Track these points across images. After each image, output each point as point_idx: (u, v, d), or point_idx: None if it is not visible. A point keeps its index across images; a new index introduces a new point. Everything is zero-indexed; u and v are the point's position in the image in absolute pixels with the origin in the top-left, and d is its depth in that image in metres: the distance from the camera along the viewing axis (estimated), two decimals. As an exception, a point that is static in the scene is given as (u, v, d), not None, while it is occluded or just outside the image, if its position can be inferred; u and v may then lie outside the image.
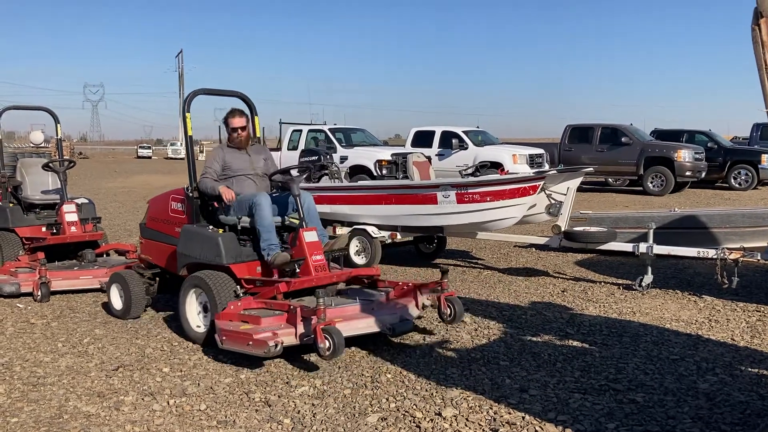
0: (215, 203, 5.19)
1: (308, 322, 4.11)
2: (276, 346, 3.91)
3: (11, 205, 7.46)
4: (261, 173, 5.33)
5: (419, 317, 4.92)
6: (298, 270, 4.72)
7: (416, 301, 4.81)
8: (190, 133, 5.24)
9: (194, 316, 4.86)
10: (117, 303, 5.55)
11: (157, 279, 5.61)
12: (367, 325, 4.44)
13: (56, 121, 7.89)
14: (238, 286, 4.73)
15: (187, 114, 5.16)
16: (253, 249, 4.93)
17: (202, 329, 4.79)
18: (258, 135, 5.67)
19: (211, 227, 5.05)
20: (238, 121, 5.29)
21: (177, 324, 5.33)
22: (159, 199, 5.68)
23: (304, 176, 5.10)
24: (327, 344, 3.90)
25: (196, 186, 5.16)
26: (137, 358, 4.52)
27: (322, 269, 4.72)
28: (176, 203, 5.35)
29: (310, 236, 4.76)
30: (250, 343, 4.00)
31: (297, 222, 4.95)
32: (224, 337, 4.20)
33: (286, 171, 5.19)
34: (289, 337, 4.09)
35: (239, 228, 4.96)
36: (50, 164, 7.50)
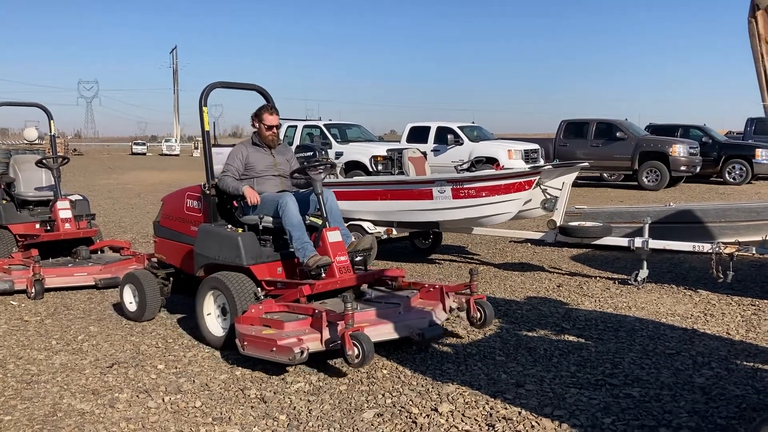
0: (234, 202, 4.99)
1: (334, 327, 3.92)
2: (302, 352, 3.71)
3: (4, 202, 7.43)
4: (284, 174, 5.13)
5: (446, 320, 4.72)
6: (323, 272, 4.48)
7: (443, 304, 4.63)
8: (207, 128, 5.04)
9: (212, 320, 4.66)
10: (131, 304, 5.35)
11: (171, 279, 5.42)
12: (395, 330, 4.21)
13: (50, 117, 7.84)
14: (259, 288, 4.53)
15: (203, 108, 4.98)
16: (274, 249, 4.75)
17: (220, 333, 4.58)
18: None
19: (229, 226, 4.87)
20: (273, 119, 5.07)
21: (171, 321, 5.33)
22: (174, 197, 5.49)
23: (326, 174, 4.85)
24: (356, 351, 3.72)
25: (214, 184, 4.97)
26: (132, 355, 4.50)
27: (346, 271, 4.50)
28: (192, 201, 5.16)
29: (333, 236, 4.54)
30: (274, 349, 3.80)
31: (319, 221, 4.78)
32: (246, 342, 3.98)
33: (305, 170, 4.85)
34: (314, 343, 3.89)
35: (260, 228, 4.76)
36: (44, 161, 7.47)
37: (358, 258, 4.69)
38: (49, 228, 7.18)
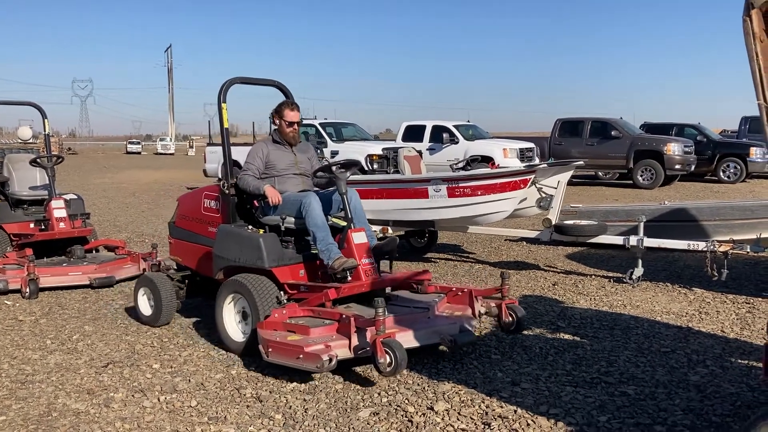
0: (255, 202, 4.83)
1: (363, 333, 3.77)
2: (330, 360, 3.56)
3: (-1, 201, 7.40)
4: (306, 173, 4.97)
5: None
6: (349, 275, 4.31)
7: (473, 309, 4.46)
8: (226, 125, 4.84)
9: (232, 324, 4.49)
10: (145, 309, 5.16)
11: (187, 282, 5.25)
12: (425, 336, 4.04)
13: (44, 116, 7.83)
14: (281, 292, 4.34)
15: (222, 104, 4.79)
16: (297, 251, 4.57)
17: (240, 338, 4.42)
18: None
19: (250, 227, 4.68)
20: (294, 115, 4.88)
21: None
22: (190, 197, 5.32)
23: (350, 173, 4.68)
24: (388, 359, 3.55)
25: (233, 183, 4.79)
26: (127, 355, 4.49)
27: (372, 273, 4.35)
28: (210, 201, 4.98)
29: (359, 237, 4.37)
30: (301, 356, 3.64)
31: (341, 222, 4.63)
32: (270, 349, 3.82)
33: (330, 168, 4.67)
34: (342, 350, 3.73)
35: (282, 228, 4.55)
36: (38, 160, 7.44)
37: (383, 260, 4.56)
38: (43, 227, 7.16)
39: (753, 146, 18.30)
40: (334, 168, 4.60)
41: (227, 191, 4.78)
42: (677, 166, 17.10)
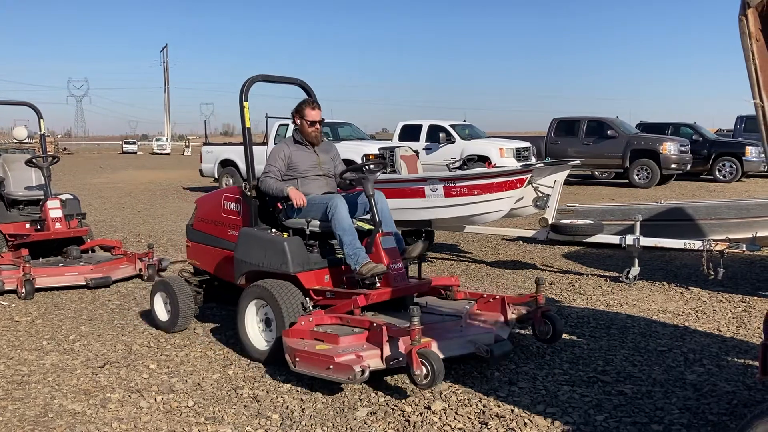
0: (278, 204, 4.68)
1: (395, 343, 3.60)
2: (362, 372, 3.38)
3: (-6, 201, 7.38)
4: (329, 173, 4.80)
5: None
6: (378, 281, 4.13)
7: (505, 317, 4.30)
8: (248, 124, 4.64)
9: (255, 331, 4.33)
10: (162, 314, 5.00)
11: (204, 286, 5.10)
12: (459, 345, 3.85)
13: (39, 116, 7.80)
14: (307, 298, 4.18)
15: (244, 103, 4.60)
16: (321, 255, 4.41)
17: (263, 346, 4.26)
18: None
19: (273, 230, 4.50)
20: (316, 114, 4.71)
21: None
22: (209, 199, 5.17)
23: (378, 173, 4.47)
24: (424, 371, 3.36)
25: (255, 184, 4.62)
26: (124, 355, 4.48)
27: (401, 279, 4.17)
28: (230, 203, 4.81)
29: (387, 242, 4.20)
30: (331, 367, 3.48)
31: (367, 225, 4.48)
32: (297, 359, 3.66)
33: (360, 168, 4.50)
34: (374, 360, 3.55)
35: (307, 232, 4.40)
36: (33, 160, 7.42)
37: (411, 265, 4.42)
38: (39, 227, 7.14)
39: (749, 145, 18.35)
40: (364, 168, 4.43)
41: (249, 193, 4.62)
42: (673, 166, 17.14)
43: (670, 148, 17.05)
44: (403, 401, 3.58)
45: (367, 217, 4.51)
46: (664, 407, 3.44)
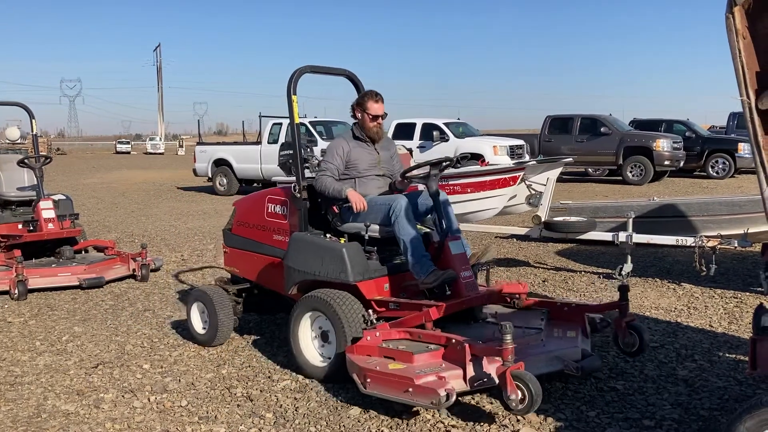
0: (334, 207, 4.29)
1: (478, 362, 3.26)
2: (448, 396, 3.00)
3: (-14, 202, 7.36)
4: (388, 173, 4.42)
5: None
6: (448, 290, 3.80)
7: (584, 328, 3.89)
8: (297, 120, 4.31)
9: (310, 347, 3.97)
10: (198, 326, 4.64)
11: (244, 295, 4.74)
12: (546, 363, 3.49)
13: (31, 116, 7.77)
14: (369, 310, 3.80)
15: (293, 97, 4.24)
16: (381, 263, 4.04)
17: (320, 362, 3.91)
18: None
19: (329, 236, 4.14)
20: (379, 107, 4.28)
21: (157, 320, 5.29)
22: (250, 201, 4.83)
23: (443, 172, 4.12)
24: (520, 395, 3.00)
25: (306, 185, 4.24)
26: (117, 355, 4.48)
27: (472, 288, 3.85)
28: (275, 205, 4.46)
29: (456, 247, 3.86)
30: (410, 390, 3.11)
31: (425, 228, 4.19)
32: (369, 380, 3.30)
33: (430, 165, 4.09)
34: (458, 381, 3.21)
35: (366, 237, 4.02)
36: (26, 160, 7.40)
37: (481, 271, 4.11)
38: (32, 228, 7.12)
39: (741, 142, 18.42)
40: (429, 167, 4.07)
41: (299, 195, 4.22)
42: (666, 162, 17.21)
43: (663, 145, 17.12)
44: (397, 399, 3.58)
45: (426, 218, 4.23)
46: (656, 403, 3.46)
